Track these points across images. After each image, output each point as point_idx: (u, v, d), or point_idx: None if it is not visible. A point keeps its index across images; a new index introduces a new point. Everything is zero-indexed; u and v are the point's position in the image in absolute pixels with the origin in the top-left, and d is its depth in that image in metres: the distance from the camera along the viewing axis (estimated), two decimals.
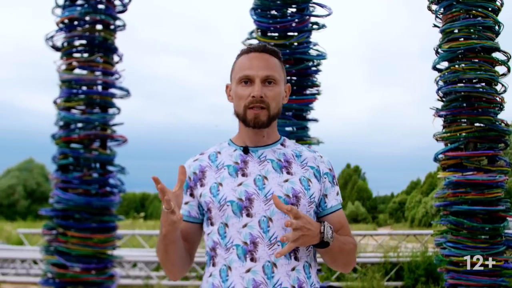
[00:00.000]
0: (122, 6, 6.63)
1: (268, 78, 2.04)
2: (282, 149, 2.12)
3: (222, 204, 1.98)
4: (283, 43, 5.93)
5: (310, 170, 2.08)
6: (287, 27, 5.97)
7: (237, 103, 2.07)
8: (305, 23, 5.98)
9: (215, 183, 2.03)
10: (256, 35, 6.10)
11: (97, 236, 5.97)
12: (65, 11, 6.30)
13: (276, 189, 1.99)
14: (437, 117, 5.96)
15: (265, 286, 1.91)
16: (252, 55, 2.08)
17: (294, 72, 6.00)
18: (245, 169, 2.03)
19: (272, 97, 2.03)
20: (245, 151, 2.09)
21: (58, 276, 5.97)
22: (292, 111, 6.04)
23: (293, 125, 6.00)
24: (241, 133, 2.13)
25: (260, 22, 5.99)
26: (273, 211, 1.96)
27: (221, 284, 1.96)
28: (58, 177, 6.12)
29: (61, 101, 6.29)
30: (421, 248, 10.93)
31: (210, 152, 2.15)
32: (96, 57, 6.28)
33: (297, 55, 5.93)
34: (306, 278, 1.99)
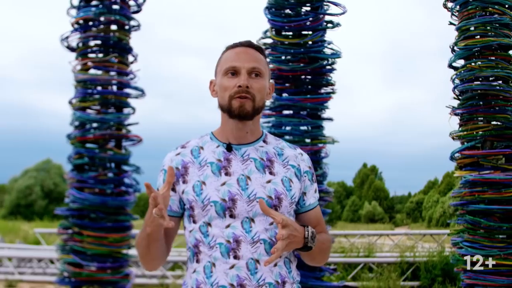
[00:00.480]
0: (136, 7, 6.66)
1: (254, 70, 2.04)
2: (264, 146, 2.12)
3: (206, 204, 1.99)
4: (297, 42, 5.91)
5: (291, 169, 2.09)
6: (301, 26, 5.95)
7: (222, 94, 2.06)
8: (320, 21, 5.95)
9: (198, 181, 2.03)
10: (270, 34, 6.08)
11: (112, 236, 6.00)
12: (80, 12, 6.33)
13: (259, 190, 2.01)
14: (453, 115, 5.91)
15: (249, 281, 1.95)
16: (238, 49, 2.10)
17: (308, 71, 5.98)
18: (228, 168, 2.03)
19: (257, 89, 2.04)
20: (229, 148, 2.08)
21: (74, 275, 6.01)
22: (306, 110, 6.01)
23: (308, 124, 5.98)
24: (224, 127, 2.12)
25: (274, 21, 5.98)
26: (255, 212, 1.98)
27: (205, 280, 1.99)
28: (73, 177, 6.15)
29: (76, 101, 6.33)
30: (438, 248, 10.84)
31: (192, 147, 2.12)
32: (111, 57, 6.31)
33: (311, 54, 5.90)
34: (287, 273, 2.03)
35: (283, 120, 6.00)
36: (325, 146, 6.00)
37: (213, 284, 1.96)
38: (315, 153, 5.97)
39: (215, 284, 1.96)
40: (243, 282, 1.94)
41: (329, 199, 6.14)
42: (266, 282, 1.96)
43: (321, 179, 6.02)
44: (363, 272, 9.67)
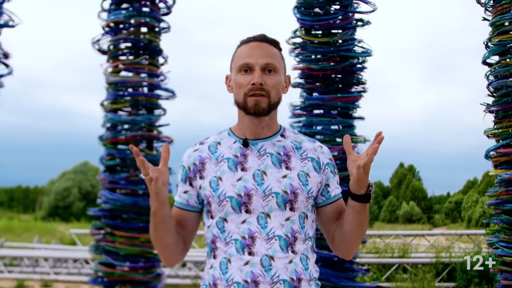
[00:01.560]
0: (166, 9, 6.70)
1: (268, 66, 2.02)
2: (282, 141, 2.10)
3: (222, 200, 1.99)
4: (327, 40, 5.87)
5: (309, 163, 2.06)
6: (330, 25, 5.91)
7: (237, 91, 2.05)
8: (349, 20, 5.91)
9: (214, 177, 2.02)
10: (300, 34, 6.05)
11: (144, 236, 6.03)
12: (111, 15, 6.40)
13: (275, 185, 1.99)
14: (488, 113, 5.79)
15: (263, 278, 1.93)
16: (252, 44, 2.07)
17: (339, 70, 5.93)
18: (244, 163, 2.02)
19: (272, 85, 2.01)
20: (245, 144, 2.06)
21: (107, 275, 6.07)
22: (337, 109, 5.97)
23: (338, 123, 5.93)
24: (241, 123, 2.10)
25: (303, 20, 5.95)
26: (271, 208, 1.97)
27: (221, 276, 1.98)
28: (105, 178, 6.22)
29: (108, 103, 6.39)
30: (475, 249, 10.62)
31: (210, 142, 2.12)
32: (141, 59, 6.35)
33: (341, 53, 5.86)
34: (303, 269, 2.00)
35: (314, 119, 5.97)
36: (356, 146, 5.94)
37: (228, 280, 1.96)
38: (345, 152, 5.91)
39: (230, 280, 1.96)
40: (257, 278, 1.93)
41: None
42: (281, 279, 1.94)
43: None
44: (397, 273, 9.53)
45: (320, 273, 5.73)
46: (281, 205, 1.97)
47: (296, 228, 1.99)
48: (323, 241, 5.70)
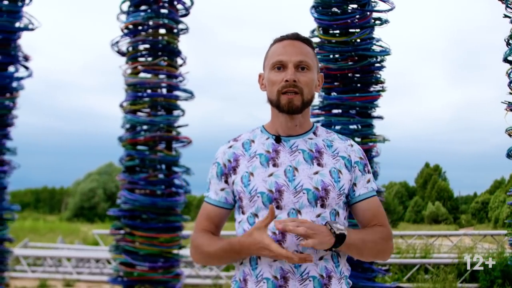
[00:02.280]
0: (184, 10, 6.72)
1: (301, 64, 2.03)
2: (314, 138, 2.11)
3: (253, 195, 2.00)
4: (344, 40, 5.85)
5: (341, 161, 2.07)
6: (348, 24, 5.88)
7: (270, 89, 2.07)
8: (367, 19, 5.87)
9: (246, 172, 2.04)
10: (317, 33, 6.03)
11: (163, 236, 6.07)
12: (129, 17, 6.45)
13: (306, 181, 1.99)
14: (510, 111, 5.71)
15: (293, 274, 1.93)
16: (285, 42, 2.08)
17: (357, 69, 5.90)
18: (276, 159, 2.03)
19: (305, 82, 2.02)
20: (277, 140, 2.08)
21: (126, 275, 6.11)
22: (355, 109, 5.94)
23: (357, 123, 5.90)
24: (274, 120, 2.13)
25: (321, 20, 5.93)
26: (302, 204, 1.97)
27: (251, 272, 2.00)
28: (124, 179, 6.27)
29: (127, 105, 6.44)
30: (498, 249, 10.48)
31: (244, 140, 2.15)
32: (160, 60, 6.39)
33: (359, 52, 5.83)
34: (334, 267, 1.99)
35: (333, 119, 5.95)
36: (375, 145, 5.91)
37: (258, 276, 1.97)
38: (365, 152, 5.85)
39: (260, 276, 1.97)
40: (287, 275, 1.93)
41: (381, 199, 6.02)
42: (310, 276, 1.94)
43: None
44: (419, 274, 9.45)
45: None
46: (312, 201, 1.97)
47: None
48: None
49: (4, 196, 5.69)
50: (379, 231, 2.07)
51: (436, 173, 55.77)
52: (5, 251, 5.74)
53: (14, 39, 5.76)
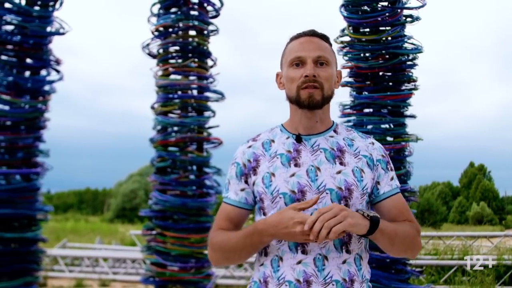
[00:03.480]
0: (214, 12, 6.74)
1: (320, 59, 2.01)
2: (335, 136, 2.07)
3: (275, 196, 1.96)
4: (375, 38, 5.78)
5: (363, 159, 2.03)
6: (378, 22, 5.80)
7: (289, 86, 2.04)
8: (397, 16, 5.78)
9: (267, 172, 2.00)
10: (347, 32, 5.98)
11: (193, 236, 6.10)
12: (160, 19, 6.50)
13: (329, 181, 1.95)
14: None
15: (316, 278, 1.89)
16: (303, 39, 2.06)
17: (388, 68, 5.83)
18: (297, 159, 2.00)
19: (325, 77, 2.00)
20: (298, 139, 2.04)
21: (158, 275, 6.16)
22: (387, 107, 5.86)
23: (389, 122, 5.82)
24: (293, 118, 2.09)
25: (350, 19, 5.86)
26: (325, 204, 1.91)
27: (272, 274, 1.95)
28: (156, 180, 6.32)
29: (158, 106, 6.50)
30: None
31: (264, 140, 2.11)
32: (190, 62, 6.42)
33: (390, 50, 5.75)
34: (357, 270, 1.96)
35: (364, 118, 5.89)
36: (408, 144, 5.82)
37: (280, 279, 1.93)
38: (398, 151, 5.81)
39: (282, 278, 1.93)
40: (310, 278, 1.89)
41: (414, 199, 5.93)
42: (333, 280, 1.90)
43: (405, 178, 5.85)
44: (456, 276, 9.27)
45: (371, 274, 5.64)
46: (335, 201, 1.93)
47: None
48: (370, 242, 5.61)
49: (37, 197, 5.81)
50: (409, 225, 2.03)
51: (480, 173, 54.69)
52: (39, 251, 5.85)
53: (45, 43, 5.86)
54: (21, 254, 5.69)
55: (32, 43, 5.78)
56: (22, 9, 5.76)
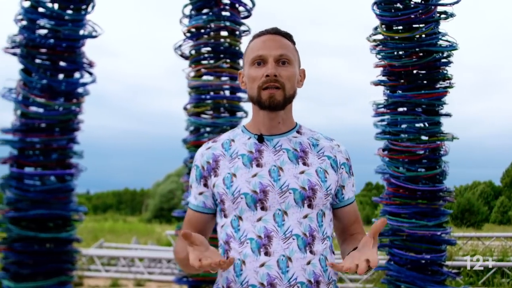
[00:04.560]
0: (246, 12, 6.73)
1: (281, 58, 1.96)
2: (298, 137, 2.04)
3: (236, 197, 1.93)
4: (408, 36, 5.69)
5: (327, 161, 2.00)
6: (411, 19, 5.72)
7: (250, 85, 1.99)
8: (431, 13, 5.69)
9: (228, 173, 1.97)
10: (380, 30, 5.91)
11: None
12: (192, 20, 6.52)
13: (292, 181, 1.92)
14: None
15: (280, 281, 1.86)
16: (265, 37, 2.02)
17: (422, 66, 5.74)
18: (259, 159, 1.96)
19: (286, 77, 1.95)
20: (260, 139, 2.00)
21: (192, 275, 6.17)
22: (421, 106, 5.78)
23: (424, 121, 5.74)
24: (255, 119, 2.05)
25: (383, 17, 5.80)
26: (288, 204, 1.90)
27: (235, 279, 1.92)
28: (188, 180, 6.33)
29: (191, 107, 6.52)
30: None
31: (224, 140, 2.08)
32: (222, 62, 6.43)
33: (424, 48, 5.66)
34: (322, 271, 1.91)
35: (398, 117, 5.82)
36: (443, 143, 5.73)
37: (243, 283, 1.89)
38: (433, 150, 5.72)
39: (245, 283, 1.89)
40: (274, 281, 1.85)
41: (450, 199, 5.83)
42: (298, 282, 1.86)
43: (440, 178, 5.75)
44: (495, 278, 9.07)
45: (405, 275, 5.54)
46: (298, 201, 1.90)
47: (314, 227, 1.92)
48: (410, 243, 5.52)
49: (71, 198, 5.89)
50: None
51: None
52: (74, 251, 5.93)
53: (78, 46, 5.95)
54: (56, 254, 5.77)
55: (65, 46, 5.86)
56: (55, 13, 5.85)
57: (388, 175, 5.81)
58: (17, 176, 5.72)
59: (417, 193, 5.73)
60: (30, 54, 5.82)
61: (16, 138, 5.76)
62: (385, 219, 1.71)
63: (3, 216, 5.68)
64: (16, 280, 5.58)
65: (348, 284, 9.46)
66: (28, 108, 5.80)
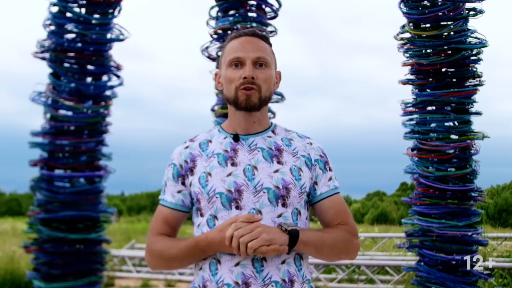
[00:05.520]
0: (272, 13, 6.72)
1: (259, 60, 2.02)
2: (273, 136, 2.08)
3: (211, 196, 1.96)
4: (436, 33, 5.62)
5: (301, 159, 2.05)
6: (439, 17, 5.64)
7: (227, 86, 2.04)
8: (459, 10, 5.60)
9: (204, 172, 2.00)
10: (407, 29, 5.84)
11: None
12: (218, 22, 6.54)
13: (266, 180, 1.96)
14: None
15: (255, 280, 1.89)
16: (243, 39, 2.06)
17: (451, 64, 5.66)
18: (234, 158, 2.00)
19: (263, 79, 2.01)
20: (235, 138, 2.05)
21: None
22: (451, 105, 5.70)
23: (453, 119, 5.66)
24: (231, 119, 2.10)
25: (410, 15, 5.73)
26: (262, 204, 1.94)
27: (210, 278, 1.94)
28: None
29: (218, 108, 6.54)
30: None
31: (201, 140, 2.11)
32: None
33: (452, 45, 5.58)
34: (296, 270, 1.95)
35: (428, 116, 5.75)
36: (473, 142, 5.64)
37: (218, 282, 1.92)
38: (463, 150, 5.63)
39: (220, 282, 1.92)
40: (248, 280, 1.89)
41: (481, 199, 5.73)
42: (273, 281, 1.89)
43: (470, 177, 5.66)
44: None
45: (435, 276, 5.46)
46: (272, 201, 1.94)
47: None
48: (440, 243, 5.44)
49: (100, 200, 5.97)
50: (340, 229, 2.03)
51: None
52: (103, 251, 6.01)
53: (105, 50, 6.04)
54: (86, 255, 5.86)
55: (93, 50, 5.96)
56: (83, 18, 5.95)
57: (417, 175, 5.74)
58: (47, 178, 5.83)
59: (447, 193, 5.65)
60: (58, 58, 5.93)
61: (46, 141, 5.88)
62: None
63: (34, 217, 5.79)
64: (47, 280, 5.69)
65: (379, 285, 9.38)
66: (57, 111, 5.91)
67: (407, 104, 5.95)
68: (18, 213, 36.31)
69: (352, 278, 9.88)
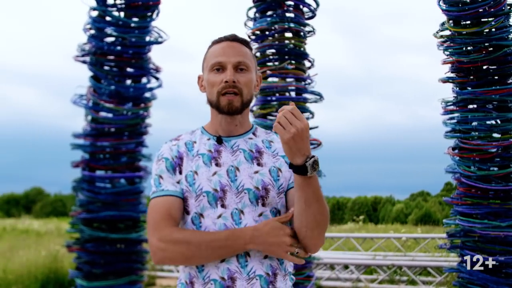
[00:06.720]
0: (310, 13, 6.72)
1: (240, 65, 2.08)
2: (254, 138, 2.15)
3: (199, 194, 2.02)
4: (476, 30, 5.53)
5: (281, 159, 2.11)
6: (479, 13, 5.55)
7: (209, 90, 2.10)
8: (500, 5, 5.50)
9: (190, 171, 2.06)
10: (447, 26, 5.76)
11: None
12: (256, 23, 6.57)
13: (247, 181, 2.04)
14: None
15: (240, 274, 1.96)
16: (224, 44, 2.12)
17: (492, 61, 5.55)
18: (218, 159, 2.07)
19: (244, 83, 2.07)
20: (219, 141, 2.12)
21: None
22: (492, 103, 5.59)
23: (495, 117, 5.54)
24: (213, 121, 2.16)
25: (450, 12, 5.65)
26: (244, 204, 2.01)
27: (197, 274, 2.00)
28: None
29: (257, 109, 6.57)
30: None
31: (186, 140, 2.16)
32: (287, 64, 6.43)
33: (493, 42, 5.48)
34: (279, 264, 2.03)
35: (469, 115, 5.65)
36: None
37: (205, 278, 1.98)
38: (505, 148, 5.51)
39: (207, 278, 1.98)
40: (234, 275, 1.96)
41: None
42: (257, 275, 1.97)
43: None
44: None
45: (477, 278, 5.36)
46: (253, 201, 2.02)
47: None
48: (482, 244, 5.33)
49: (140, 200, 6.07)
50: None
51: None
52: (143, 251, 6.11)
53: (144, 52, 6.15)
54: (126, 254, 5.98)
55: (132, 53, 6.07)
56: (122, 22, 6.08)
57: (458, 174, 5.64)
58: (89, 179, 5.97)
59: (489, 192, 5.54)
60: (98, 61, 6.07)
61: (87, 143, 6.02)
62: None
63: (76, 217, 5.93)
64: (89, 279, 5.82)
65: (420, 286, 9.25)
66: (98, 114, 6.04)
67: (448, 103, 5.86)
68: (62, 213, 37.13)
69: (394, 279, 9.77)
